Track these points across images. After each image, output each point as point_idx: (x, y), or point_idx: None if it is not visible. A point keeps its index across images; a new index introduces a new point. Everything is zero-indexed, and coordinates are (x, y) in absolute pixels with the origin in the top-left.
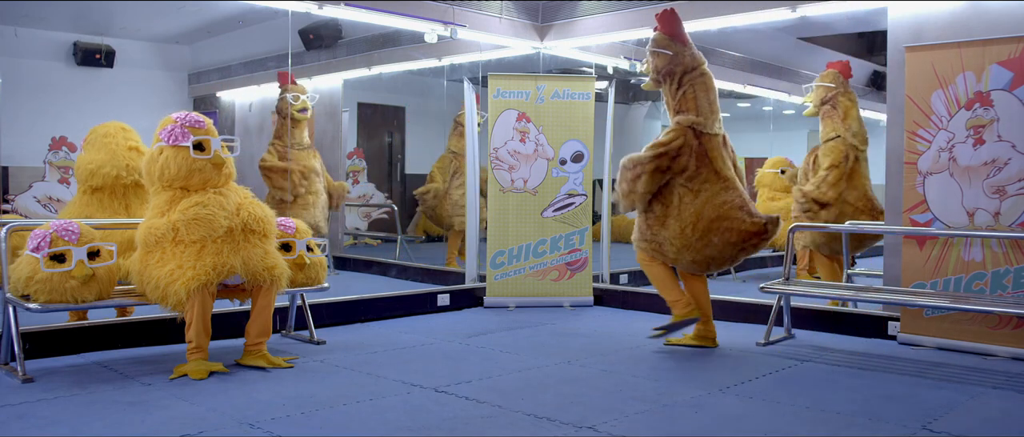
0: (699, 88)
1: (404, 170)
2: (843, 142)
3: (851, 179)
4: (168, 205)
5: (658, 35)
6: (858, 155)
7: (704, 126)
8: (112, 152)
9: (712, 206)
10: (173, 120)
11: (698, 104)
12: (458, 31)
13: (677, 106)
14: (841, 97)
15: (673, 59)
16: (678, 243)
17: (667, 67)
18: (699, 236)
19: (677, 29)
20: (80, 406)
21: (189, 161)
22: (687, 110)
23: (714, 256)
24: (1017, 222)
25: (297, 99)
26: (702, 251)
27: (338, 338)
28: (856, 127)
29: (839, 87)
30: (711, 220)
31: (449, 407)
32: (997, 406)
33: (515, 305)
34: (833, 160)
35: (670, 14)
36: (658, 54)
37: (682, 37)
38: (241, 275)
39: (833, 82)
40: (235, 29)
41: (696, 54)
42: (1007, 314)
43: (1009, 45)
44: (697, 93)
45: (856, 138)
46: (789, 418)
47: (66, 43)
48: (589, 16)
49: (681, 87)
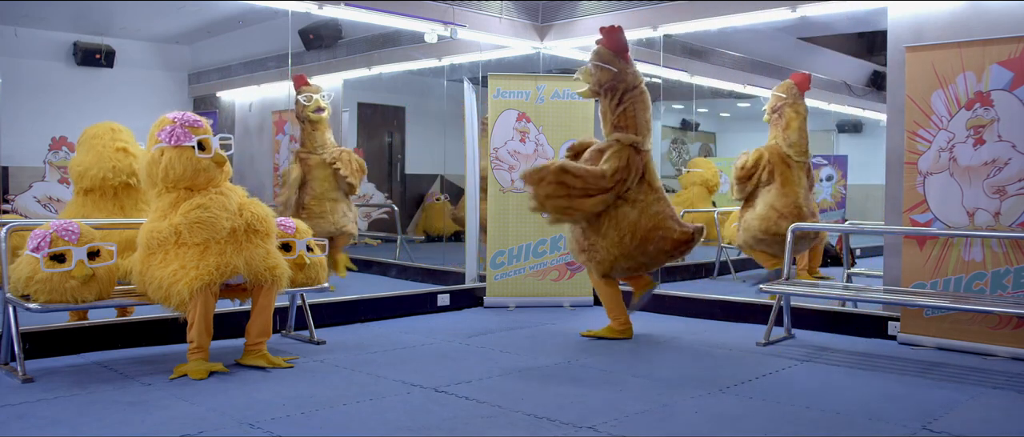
0: (639, 106)
1: (404, 170)
2: (771, 150)
3: (782, 186)
4: (171, 207)
5: (602, 50)
6: (790, 164)
7: (642, 144)
8: (99, 154)
9: (647, 216)
10: (171, 121)
11: (637, 122)
12: (458, 31)
13: (616, 121)
14: (788, 108)
15: (616, 75)
16: (615, 251)
17: (610, 82)
18: (637, 244)
19: (623, 46)
20: (80, 406)
21: (194, 161)
22: (626, 127)
23: (645, 262)
24: (1017, 222)
25: (310, 99)
26: (637, 258)
27: (338, 338)
28: (795, 138)
29: (789, 98)
30: (648, 230)
31: (449, 407)
32: (997, 406)
33: (515, 305)
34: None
35: (617, 31)
36: (603, 69)
37: (626, 55)
38: (244, 275)
39: (785, 93)
40: (235, 29)
41: (637, 72)
42: (1007, 314)
43: (1009, 45)
44: (636, 111)
45: (792, 148)
46: (789, 418)
47: (66, 43)
48: (589, 16)
49: (622, 104)
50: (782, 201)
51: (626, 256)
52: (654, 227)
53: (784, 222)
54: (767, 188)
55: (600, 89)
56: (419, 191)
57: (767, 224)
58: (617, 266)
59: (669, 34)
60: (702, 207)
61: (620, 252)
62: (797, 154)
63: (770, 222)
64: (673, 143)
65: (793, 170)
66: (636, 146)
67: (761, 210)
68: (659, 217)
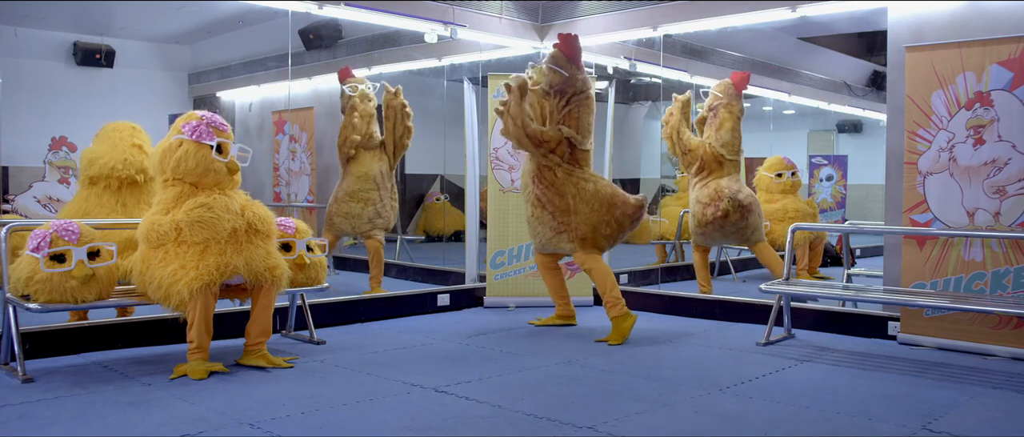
0: (583, 110)
1: (404, 170)
2: (703, 148)
3: (708, 179)
4: (174, 201)
5: (557, 54)
6: (722, 162)
7: (579, 143)
8: (114, 144)
9: (602, 186)
10: (199, 117)
11: (580, 124)
12: (458, 31)
13: (560, 121)
14: (723, 108)
15: (567, 80)
16: (593, 218)
17: (560, 85)
18: (606, 209)
19: (576, 53)
20: (80, 406)
21: (208, 160)
22: (570, 126)
23: (618, 228)
24: (1017, 222)
25: (355, 89)
26: (611, 223)
27: (338, 338)
28: (727, 138)
29: (725, 98)
30: (609, 197)
31: (449, 407)
32: (997, 406)
33: (515, 305)
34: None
35: (573, 38)
36: (555, 72)
37: (578, 61)
38: (243, 275)
39: (722, 93)
40: (235, 29)
41: (587, 78)
42: (1007, 314)
43: (1009, 45)
44: (581, 113)
45: (724, 148)
46: (789, 418)
47: (66, 43)
48: (589, 16)
49: (568, 105)
50: (704, 192)
51: (603, 222)
52: (612, 194)
53: (708, 209)
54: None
55: (550, 90)
56: (419, 191)
57: (697, 218)
58: (598, 234)
59: (669, 34)
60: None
61: (597, 219)
62: (729, 153)
63: (697, 214)
64: None
65: (724, 167)
66: (571, 139)
67: (692, 207)
68: (611, 187)
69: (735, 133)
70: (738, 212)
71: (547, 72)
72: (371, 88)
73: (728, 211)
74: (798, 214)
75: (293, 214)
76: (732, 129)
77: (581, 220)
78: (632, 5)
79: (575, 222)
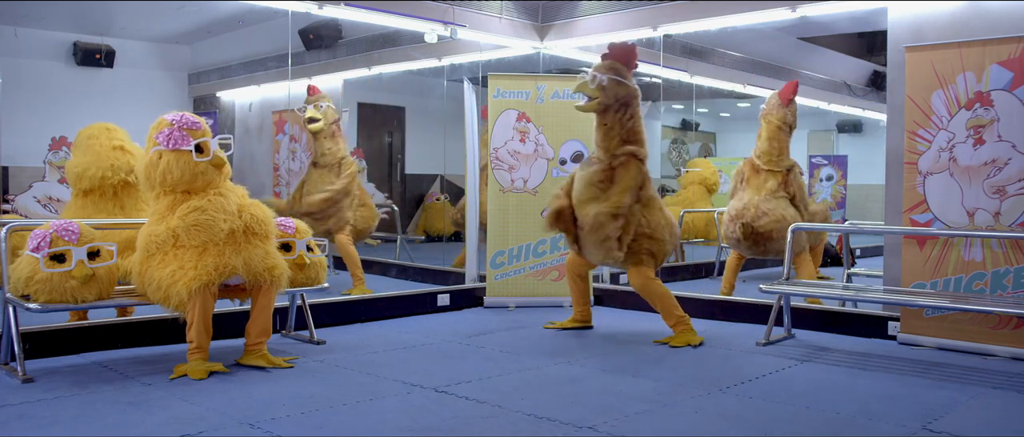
0: (639, 120)
1: (404, 170)
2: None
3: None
4: (169, 210)
5: (617, 64)
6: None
7: (645, 156)
8: (96, 154)
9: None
10: (169, 123)
11: (642, 136)
12: (458, 31)
13: (625, 136)
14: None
15: (631, 91)
16: (670, 242)
17: (626, 97)
18: (671, 231)
19: (634, 61)
20: (80, 406)
21: (192, 165)
22: (635, 142)
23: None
24: (1017, 222)
25: (303, 110)
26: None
27: (338, 338)
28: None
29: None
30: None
31: (449, 407)
32: (997, 406)
33: (515, 305)
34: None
35: (633, 49)
36: (622, 84)
37: (634, 69)
38: (242, 276)
39: (767, 105)
40: (235, 29)
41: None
42: (1007, 314)
43: (1009, 45)
44: (640, 125)
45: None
46: (789, 418)
47: (66, 43)
48: (589, 16)
49: (632, 118)
50: (734, 205)
51: (669, 242)
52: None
53: (731, 225)
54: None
55: (615, 103)
56: (419, 191)
57: (723, 228)
58: (665, 252)
59: (669, 34)
60: (702, 207)
61: (670, 241)
62: (765, 163)
63: (723, 226)
64: (673, 143)
65: (761, 176)
66: (640, 157)
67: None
68: (664, 213)
69: (773, 142)
70: (750, 239)
71: (610, 85)
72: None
73: (740, 239)
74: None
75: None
76: (769, 138)
77: (661, 240)
78: (632, 5)
79: (651, 244)
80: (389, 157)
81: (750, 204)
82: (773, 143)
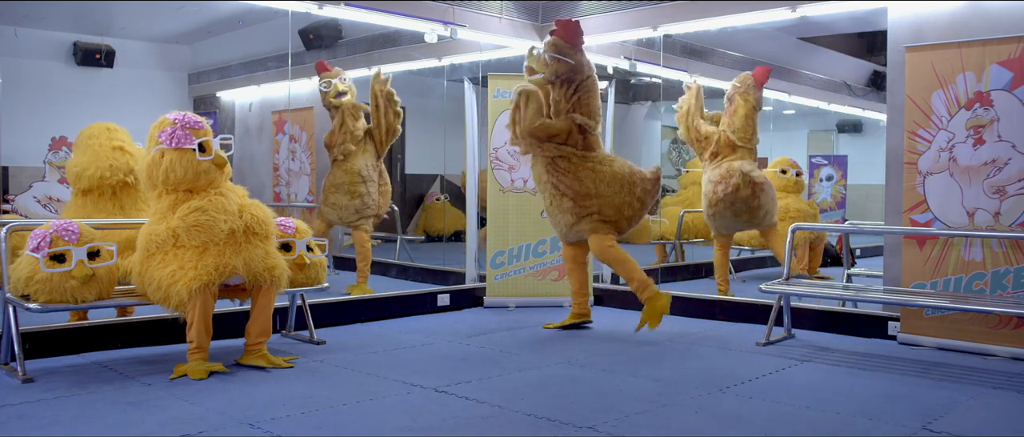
0: (590, 94)
1: (404, 170)
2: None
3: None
4: (170, 210)
5: (559, 41)
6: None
7: (592, 128)
8: (96, 153)
9: (618, 165)
10: (171, 122)
11: (590, 109)
12: (458, 31)
13: (571, 108)
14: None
15: (573, 68)
16: (616, 200)
17: (567, 74)
18: (627, 188)
19: (578, 38)
20: (80, 406)
21: (195, 164)
22: (582, 113)
23: (640, 207)
24: (1017, 222)
25: (329, 85)
26: (633, 204)
27: (338, 338)
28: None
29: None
30: (627, 174)
31: (449, 407)
32: (997, 406)
33: (515, 305)
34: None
35: (573, 24)
36: (560, 61)
37: (580, 46)
38: (242, 276)
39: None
40: (235, 29)
41: (589, 61)
42: (1007, 314)
43: (1009, 45)
44: (590, 99)
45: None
46: (789, 418)
47: (66, 43)
48: (589, 16)
49: (577, 93)
50: (716, 172)
51: (626, 204)
52: (630, 172)
53: (719, 186)
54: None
55: (556, 79)
56: (419, 191)
57: (708, 198)
58: (623, 214)
59: (669, 34)
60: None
61: (620, 200)
62: (741, 139)
63: (709, 194)
64: (673, 143)
65: (737, 151)
66: (584, 127)
67: (703, 188)
68: (627, 166)
69: (748, 121)
70: (749, 187)
71: (550, 62)
72: (345, 82)
73: (739, 185)
74: (799, 214)
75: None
76: (745, 116)
77: (605, 202)
78: (632, 5)
79: (598, 205)
80: (389, 157)
81: (734, 165)
82: (749, 122)
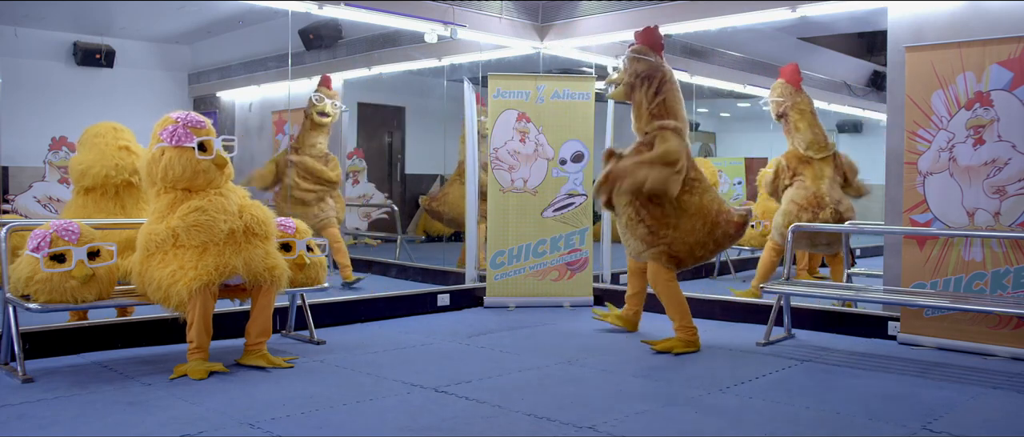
0: (675, 97)
1: (404, 170)
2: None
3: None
4: (169, 208)
5: (640, 46)
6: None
7: (682, 131)
8: (101, 151)
9: (708, 199)
10: (174, 120)
11: (677, 112)
12: (458, 31)
13: (654, 111)
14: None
15: (653, 65)
16: (691, 239)
17: (647, 72)
18: (709, 229)
19: (659, 43)
20: (80, 406)
21: (194, 162)
22: (665, 117)
23: (714, 248)
24: (1017, 222)
25: (320, 100)
26: (709, 245)
27: (338, 338)
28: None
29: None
30: (715, 213)
31: (449, 407)
32: (997, 406)
33: (515, 305)
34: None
35: (654, 29)
36: (640, 59)
37: (661, 50)
38: (242, 276)
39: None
40: (235, 29)
41: (667, 67)
42: (1007, 314)
43: (1009, 45)
44: (674, 101)
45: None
46: (789, 418)
47: (66, 43)
48: (589, 16)
49: (660, 93)
50: (801, 193)
51: (700, 243)
52: (718, 210)
53: (804, 214)
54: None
55: (636, 80)
56: (419, 191)
57: (788, 219)
58: (694, 254)
59: (669, 34)
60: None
61: (695, 239)
62: (816, 151)
63: (791, 216)
64: None
65: (814, 165)
66: (678, 131)
67: (784, 206)
68: (717, 200)
69: (814, 128)
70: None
71: (629, 63)
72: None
73: (828, 220)
74: None
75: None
76: (809, 125)
77: (682, 235)
78: (632, 5)
79: (674, 237)
80: (389, 157)
81: (823, 192)
82: (816, 128)
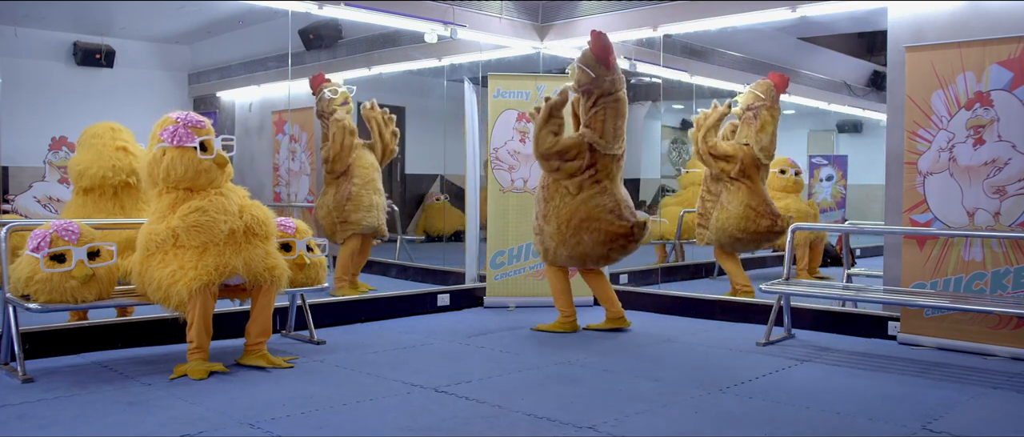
0: (610, 112)
1: (404, 170)
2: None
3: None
4: (170, 209)
5: (587, 52)
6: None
7: (603, 147)
8: (99, 152)
9: (586, 207)
10: (174, 120)
11: (605, 127)
12: (458, 31)
13: (586, 121)
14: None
15: (593, 80)
16: (556, 238)
17: (587, 85)
18: (571, 233)
19: (606, 53)
20: (80, 406)
21: (195, 162)
22: (593, 129)
23: (586, 252)
24: (1017, 222)
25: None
26: (575, 248)
27: (338, 338)
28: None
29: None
30: (582, 219)
31: (449, 407)
32: (997, 406)
33: (515, 305)
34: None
35: (601, 37)
36: (581, 71)
37: (608, 61)
38: (242, 276)
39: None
40: (235, 29)
41: (618, 79)
42: (1007, 314)
43: (1009, 45)
44: (606, 116)
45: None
46: (789, 418)
47: (66, 43)
48: (589, 16)
49: (594, 106)
50: (757, 200)
51: (563, 244)
52: (588, 218)
53: (763, 220)
54: (735, 187)
55: (579, 90)
56: (419, 191)
57: (746, 223)
58: (558, 253)
59: (669, 34)
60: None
61: (559, 240)
62: (766, 157)
63: (750, 221)
64: (673, 143)
65: (760, 171)
66: (593, 145)
67: (738, 210)
68: (597, 209)
69: (774, 138)
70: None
71: (576, 73)
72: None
73: (783, 231)
74: (799, 214)
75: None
76: (772, 133)
77: (550, 232)
78: (632, 5)
79: (546, 232)
80: None
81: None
82: (774, 139)
